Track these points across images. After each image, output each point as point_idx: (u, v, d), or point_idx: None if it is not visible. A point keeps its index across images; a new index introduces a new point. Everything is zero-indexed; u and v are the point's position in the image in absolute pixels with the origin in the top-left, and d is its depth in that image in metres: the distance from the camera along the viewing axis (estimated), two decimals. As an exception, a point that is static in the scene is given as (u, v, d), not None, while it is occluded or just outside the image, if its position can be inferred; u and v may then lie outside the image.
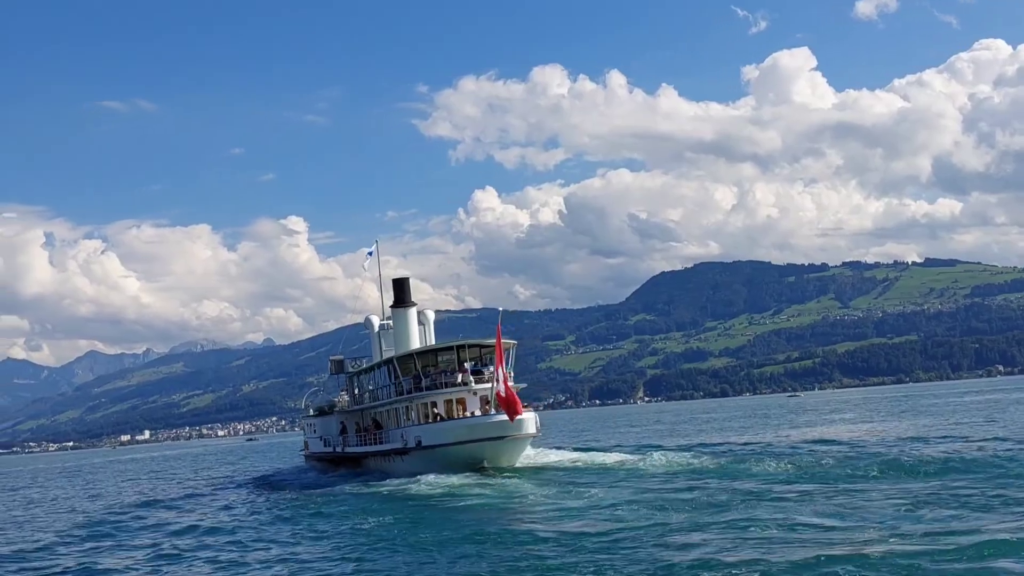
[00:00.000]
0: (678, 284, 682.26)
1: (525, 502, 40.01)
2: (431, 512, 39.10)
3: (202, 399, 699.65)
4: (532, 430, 54.11)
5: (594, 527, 30.38)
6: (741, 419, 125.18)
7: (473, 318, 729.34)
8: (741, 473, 44.22)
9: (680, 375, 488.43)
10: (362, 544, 31.98)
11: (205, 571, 30.43)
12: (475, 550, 28.17)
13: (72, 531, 45.13)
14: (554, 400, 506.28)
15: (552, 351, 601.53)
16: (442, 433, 53.16)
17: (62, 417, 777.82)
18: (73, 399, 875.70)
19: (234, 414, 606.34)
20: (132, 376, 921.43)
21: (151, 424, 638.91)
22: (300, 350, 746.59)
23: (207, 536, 38.33)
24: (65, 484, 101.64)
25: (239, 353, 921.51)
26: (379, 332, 70.91)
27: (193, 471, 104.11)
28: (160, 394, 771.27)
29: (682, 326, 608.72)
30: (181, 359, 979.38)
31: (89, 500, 68.90)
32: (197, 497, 60.50)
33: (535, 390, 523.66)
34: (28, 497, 79.86)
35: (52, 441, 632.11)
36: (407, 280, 69.56)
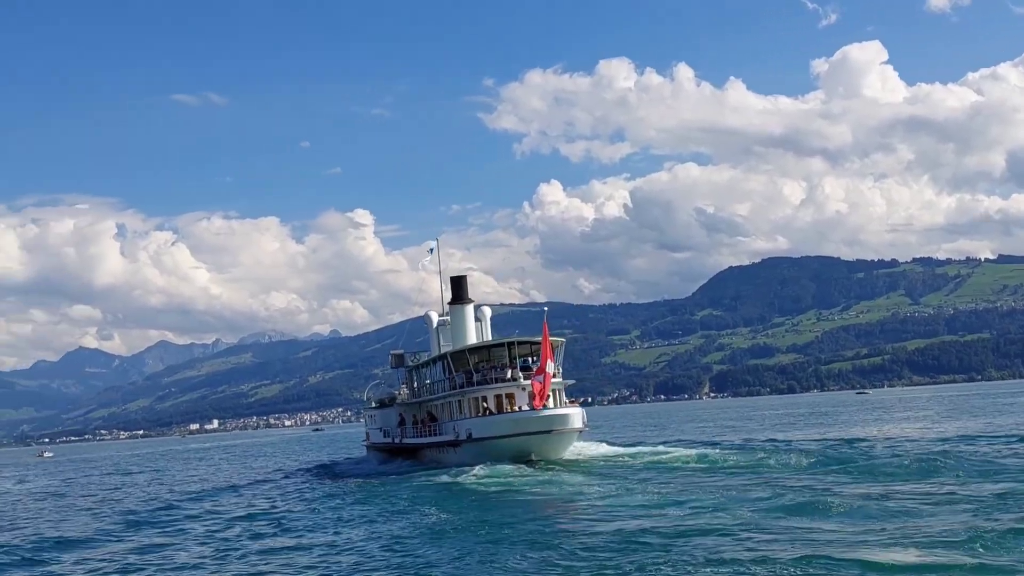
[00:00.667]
0: (745, 279, 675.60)
1: (564, 494, 41.02)
2: (473, 502, 40.45)
3: (270, 389, 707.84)
4: (578, 424, 55.88)
5: (622, 519, 31.11)
6: (802, 416, 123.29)
7: (537, 312, 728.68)
8: (762, 467, 45.23)
9: (746, 371, 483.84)
10: (404, 530, 33.37)
11: (254, 551, 31.80)
12: (511, 539, 28.93)
13: (139, 514, 47.55)
14: (618, 395, 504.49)
15: (617, 346, 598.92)
16: (491, 426, 55.11)
17: (132, 406, 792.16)
18: (143, 388, 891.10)
19: (301, 404, 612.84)
20: (201, 366, 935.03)
21: (220, 413, 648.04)
22: (366, 342, 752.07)
23: (260, 520, 40.10)
24: (140, 470, 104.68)
25: (306, 344, 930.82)
26: (437, 327, 72.48)
27: (259, 460, 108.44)
28: (229, 384, 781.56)
29: (749, 321, 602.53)
30: (249, 350, 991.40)
31: (162, 485, 71.73)
32: (259, 484, 63.63)
33: (599, 384, 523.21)
34: (109, 483, 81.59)
35: (123, 429, 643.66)
36: (464, 278, 70.71)
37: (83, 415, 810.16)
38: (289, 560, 29.15)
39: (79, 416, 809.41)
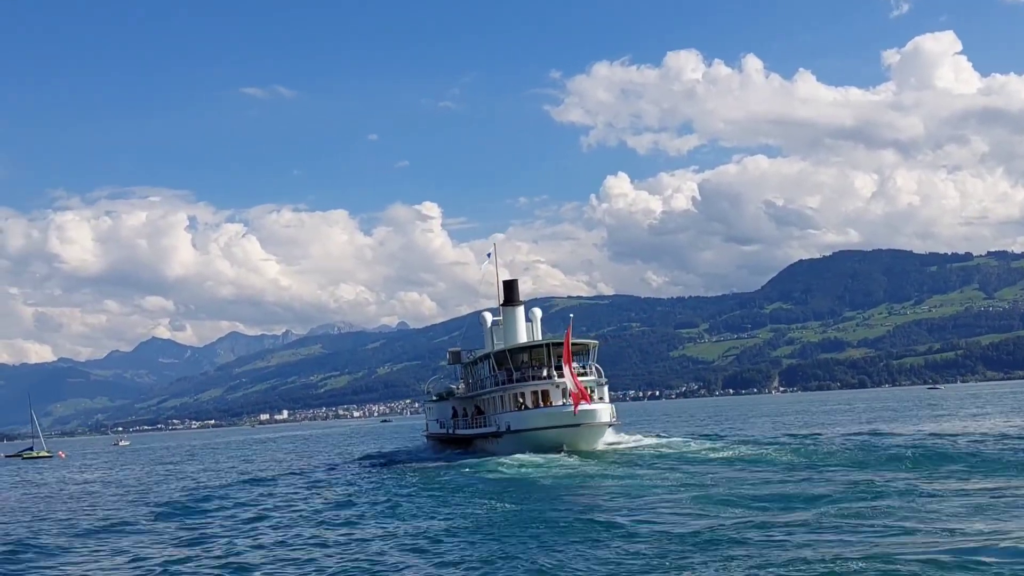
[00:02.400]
0: (816, 272, 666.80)
1: (576, 482, 44.55)
2: (505, 489, 43.15)
3: (338, 380, 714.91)
4: (606, 419, 60.42)
5: (634, 505, 34.01)
6: (871, 411, 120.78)
7: (605, 305, 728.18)
8: (800, 464, 45.52)
9: (817, 365, 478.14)
10: (443, 513, 36.20)
11: (306, 532, 33.05)
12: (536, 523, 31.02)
13: (213, 496, 50.79)
14: (686, 389, 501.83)
15: (685, 339, 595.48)
16: (527, 420, 60.46)
17: (204, 396, 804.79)
18: (215, 378, 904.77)
19: (369, 396, 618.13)
20: (272, 357, 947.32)
21: (289, 404, 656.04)
22: (433, 334, 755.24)
23: (318, 504, 42.94)
24: (208, 458, 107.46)
25: (374, 336, 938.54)
26: (491, 327, 76.61)
27: (326, 448, 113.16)
28: (298, 375, 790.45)
29: (819, 315, 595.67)
30: (319, 341, 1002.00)
31: (235, 472, 75.10)
32: (320, 470, 68.73)
33: (666, 378, 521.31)
34: (180, 470, 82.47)
35: (194, 419, 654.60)
36: (515, 281, 75.77)
37: (156, 405, 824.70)
38: (334, 544, 29.80)
39: (152, 406, 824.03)
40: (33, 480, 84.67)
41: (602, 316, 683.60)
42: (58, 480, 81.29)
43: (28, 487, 73.60)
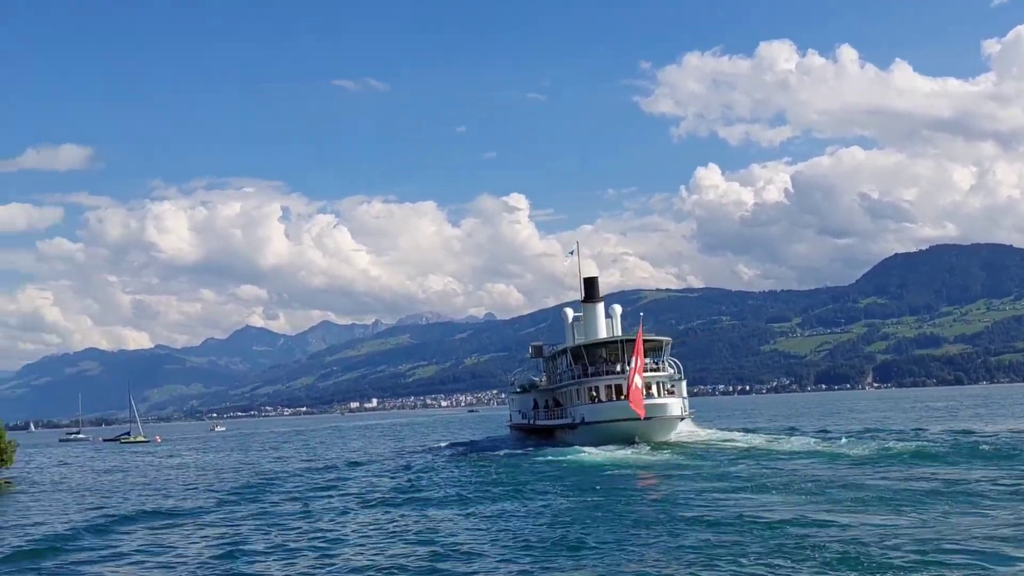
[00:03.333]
0: (912, 267, 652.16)
1: (644, 473, 46.18)
2: (577, 478, 44.96)
3: (426, 370, 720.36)
4: (676, 413, 63.48)
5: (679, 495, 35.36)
6: (965, 408, 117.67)
7: (695, 298, 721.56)
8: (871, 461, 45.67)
9: (912, 361, 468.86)
10: (508, 496, 38.57)
11: (386, 516, 33.50)
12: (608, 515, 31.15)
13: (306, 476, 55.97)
14: (777, 383, 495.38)
15: (776, 333, 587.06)
16: (599, 412, 63.25)
17: (296, 383, 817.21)
18: (307, 366, 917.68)
19: (456, 386, 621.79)
20: (361, 346, 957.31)
21: (379, 393, 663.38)
22: (520, 325, 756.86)
23: (398, 490, 44.28)
24: (299, 444, 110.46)
25: (462, 327, 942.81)
26: (572, 322, 79.41)
27: (415, 436, 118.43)
28: (387, 364, 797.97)
29: (915, 310, 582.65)
30: (408, 331, 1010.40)
31: (325, 457, 78.72)
32: (411, 456, 72.38)
33: (757, 372, 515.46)
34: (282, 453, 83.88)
35: (287, 406, 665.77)
36: (596, 279, 77.38)
37: (249, 391, 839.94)
38: (414, 529, 30.22)
39: (245, 392, 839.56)
40: (133, 463, 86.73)
41: (691, 309, 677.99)
42: (151, 463, 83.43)
43: (125, 469, 75.52)
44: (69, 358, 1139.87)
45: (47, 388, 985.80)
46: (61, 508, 43.45)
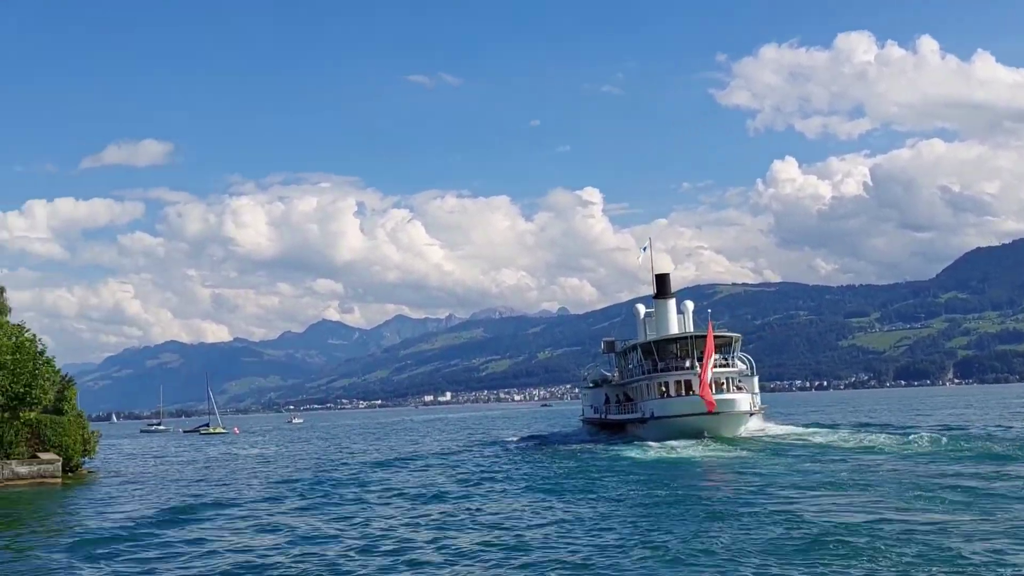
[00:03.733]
0: (994, 261, 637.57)
1: (711, 468, 46.79)
2: (649, 473, 45.19)
3: (499, 364, 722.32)
4: (745, 408, 63.93)
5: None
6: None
7: (772, 292, 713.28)
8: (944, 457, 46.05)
9: (994, 357, 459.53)
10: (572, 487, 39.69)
11: (461, 508, 33.23)
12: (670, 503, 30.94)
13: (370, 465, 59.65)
14: (855, 379, 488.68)
15: (855, 328, 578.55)
16: (669, 407, 64.44)
17: (371, 376, 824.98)
18: (381, 360, 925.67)
19: (529, 380, 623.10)
20: (435, 340, 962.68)
21: (452, 386, 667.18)
22: (594, 319, 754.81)
23: (469, 481, 45.24)
24: (373, 436, 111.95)
25: (535, 321, 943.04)
26: (643, 318, 79.98)
27: (488, 429, 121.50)
28: (461, 358, 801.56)
29: (998, 305, 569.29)
30: (481, 325, 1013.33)
31: (398, 449, 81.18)
32: (483, 448, 74.66)
33: (834, 368, 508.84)
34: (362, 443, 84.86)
35: (362, 399, 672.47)
36: (667, 275, 78.08)
37: (325, 384, 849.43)
38: (483, 523, 30.05)
39: (322, 385, 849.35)
40: (212, 454, 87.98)
41: (768, 304, 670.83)
42: (229, 454, 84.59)
43: (204, 460, 76.63)
44: (150, 351, 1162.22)
45: (129, 380, 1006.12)
46: (141, 496, 44.20)
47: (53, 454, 52.24)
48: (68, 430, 54.86)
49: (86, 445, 57.39)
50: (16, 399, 48.06)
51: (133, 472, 62.99)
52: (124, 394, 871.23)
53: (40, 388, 49.29)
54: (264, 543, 28.81)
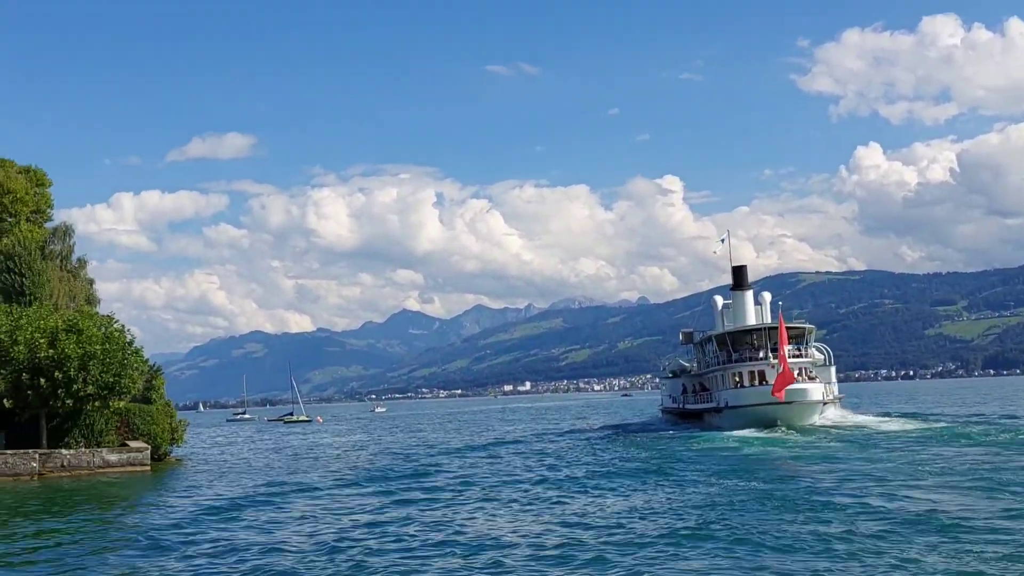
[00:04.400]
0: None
1: (778, 456, 47.32)
2: (718, 460, 46.87)
3: (579, 354, 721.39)
4: (816, 398, 64.71)
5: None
6: None
7: (856, 281, 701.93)
8: None
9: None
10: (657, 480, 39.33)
11: (545, 495, 33.68)
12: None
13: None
14: (942, 368, 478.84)
15: (942, 317, 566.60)
16: (742, 397, 66.17)
17: (451, 366, 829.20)
18: (461, 350, 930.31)
19: (610, 370, 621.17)
20: (515, 330, 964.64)
21: (532, 376, 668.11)
22: (674, 309, 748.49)
23: (548, 470, 45.74)
24: (455, 424, 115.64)
25: (615, 311, 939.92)
26: (721, 310, 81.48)
27: (568, 418, 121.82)
28: (540, 348, 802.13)
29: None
30: (560, 315, 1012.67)
31: (481, 435, 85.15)
32: (561, 437, 76.55)
33: (921, 357, 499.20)
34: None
35: (442, 388, 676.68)
36: (744, 267, 79.16)
37: (406, 374, 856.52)
38: (572, 511, 30.10)
39: (403, 375, 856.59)
40: (296, 442, 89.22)
41: (852, 292, 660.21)
42: (314, 442, 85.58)
43: (289, 447, 77.71)
44: (235, 340, 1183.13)
45: (214, 370, 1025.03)
46: (228, 482, 45.17)
47: (142, 442, 53.46)
48: (157, 419, 56.12)
49: (174, 433, 58.60)
50: (106, 389, 49.13)
51: (220, 460, 64.21)
52: (210, 383, 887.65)
53: (129, 378, 50.29)
54: (339, 523, 29.64)
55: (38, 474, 48.02)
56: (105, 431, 52.96)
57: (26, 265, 59.02)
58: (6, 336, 47.94)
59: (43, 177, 73.16)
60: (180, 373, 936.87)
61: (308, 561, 23.52)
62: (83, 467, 49.60)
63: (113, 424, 53.43)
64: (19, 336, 47.73)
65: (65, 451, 50.09)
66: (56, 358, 47.28)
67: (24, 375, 47.37)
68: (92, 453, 50.42)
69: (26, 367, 47.39)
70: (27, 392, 47.64)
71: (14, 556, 25.36)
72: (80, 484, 44.95)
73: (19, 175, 70.86)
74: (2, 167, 70.49)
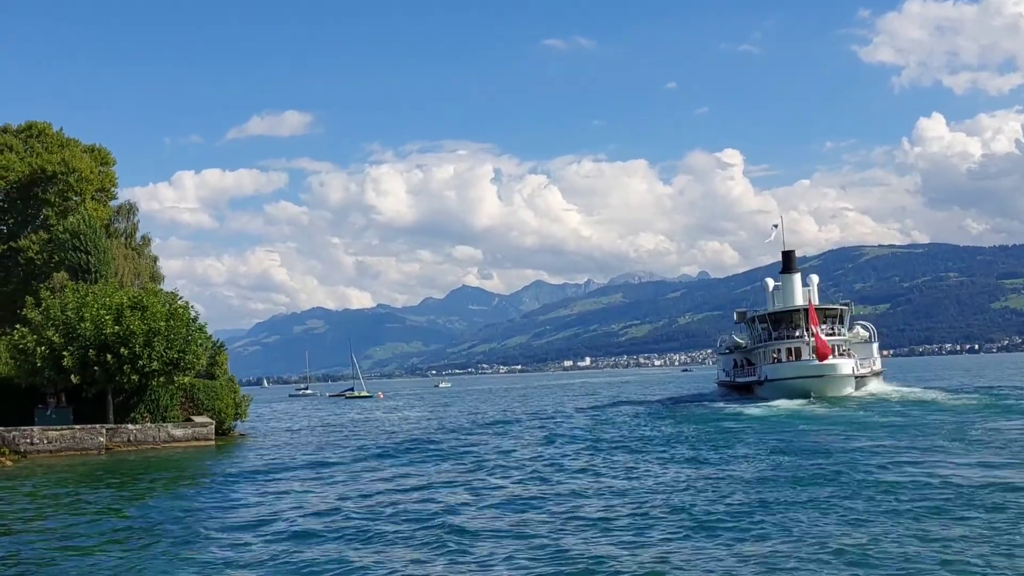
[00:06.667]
0: None
1: (799, 423, 51.75)
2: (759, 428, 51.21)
3: (639, 329, 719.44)
4: (847, 372, 70.67)
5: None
6: None
7: (920, 254, 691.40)
8: None
9: None
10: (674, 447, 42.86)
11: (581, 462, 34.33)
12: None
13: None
14: (1008, 342, 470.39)
15: (1008, 290, 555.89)
16: (778, 371, 73.45)
17: (511, 342, 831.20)
18: (521, 325, 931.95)
19: (670, 345, 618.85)
20: (574, 305, 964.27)
21: (591, 351, 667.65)
22: (735, 283, 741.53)
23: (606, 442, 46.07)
24: (518, 397, 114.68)
25: (675, 285, 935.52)
26: (772, 291, 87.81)
27: (628, 392, 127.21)
28: (600, 323, 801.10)
29: None
30: (620, 290, 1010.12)
31: (547, 406, 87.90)
32: (616, 408, 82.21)
33: (986, 331, 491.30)
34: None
35: (502, 364, 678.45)
36: (792, 252, 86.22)
37: (466, 349, 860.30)
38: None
39: (463, 350, 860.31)
40: (357, 416, 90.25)
41: (916, 266, 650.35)
42: (376, 417, 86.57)
43: (349, 421, 78.61)
44: (297, 317, 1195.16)
45: (277, 346, 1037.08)
46: (288, 454, 45.90)
47: (207, 417, 54.30)
48: (220, 394, 56.96)
49: (238, 408, 59.45)
50: (171, 364, 49.92)
51: (283, 433, 65.03)
52: (272, 359, 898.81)
53: (193, 354, 51.03)
54: (380, 487, 31.38)
55: (105, 448, 48.97)
56: (170, 406, 53.86)
57: (92, 243, 60.11)
58: (73, 313, 48.83)
59: (107, 156, 74.37)
60: (243, 349, 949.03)
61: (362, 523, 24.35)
62: (149, 441, 50.52)
63: (178, 399, 54.31)
64: (85, 313, 48.59)
65: (131, 426, 51.04)
66: (122, 334, 48.07)
67: (91, 351, 48.20)
68: (158, 428, 51.34)
69: (93, 343, 48.22)
70: (94, 368, 48.50)
71: (83, 526, 26.09)
72: (146, 458, 45.84)
73: (84, 154, 72.15)
74: (67, 147, 71.80)
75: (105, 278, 58.38)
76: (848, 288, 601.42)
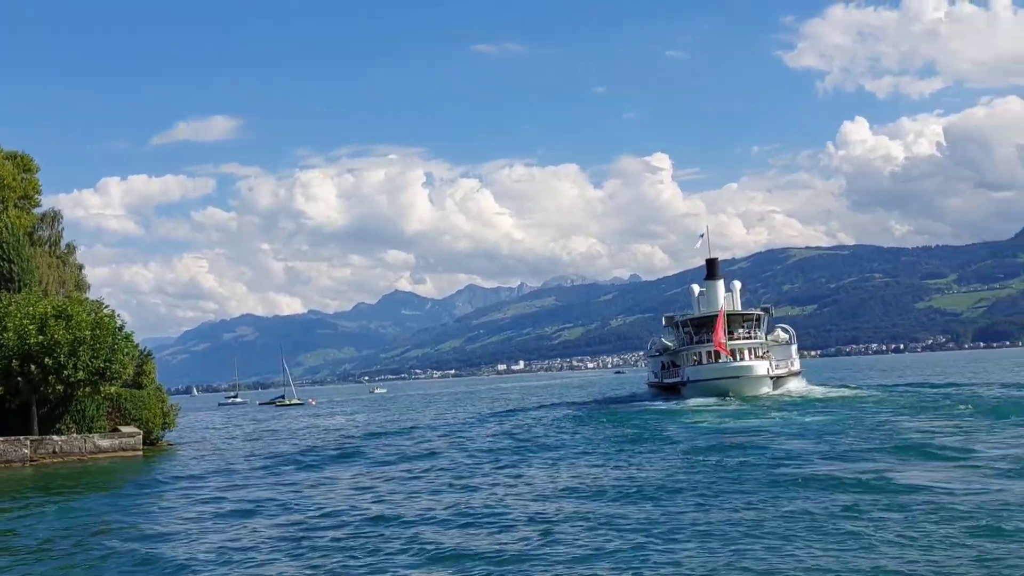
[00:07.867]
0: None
1: (713, 420, 56.20)
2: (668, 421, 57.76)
3: (572, 332, 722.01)
4: (761, 373, 76.25)
5: None
6: None
7: (846, 255, 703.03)
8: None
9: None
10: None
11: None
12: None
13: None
14: (933, 341, 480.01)
15: (931, 290, 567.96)
16: (699, 373, 78.19)
17: (444, 346, 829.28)
18: (454, 330, 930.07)
19: (603, 347, 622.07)
20: (507, 309, 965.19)
21: (525, 355, 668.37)
22: (666, 286, 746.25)
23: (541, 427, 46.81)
24: (447, 403, 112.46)
25: (607, 288, 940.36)
26: (697, 296, 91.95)
27: (558, 395, 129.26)
28: (533, 327, 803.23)
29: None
30: (552, 293, 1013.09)
31: (480, 409, 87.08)
32: (545, 410, 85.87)
33: (911, 331, 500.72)
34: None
35: (436, 368, 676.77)
36: (717, 259, 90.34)
37: (399, 355, 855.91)
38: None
39: (396, 356, 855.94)
40: (287, 424, 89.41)
41: (842, 267, 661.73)
42: (306, 424, 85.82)
43: (280, 430, 77.96)
44: (226, 324, 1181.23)
45: (206, 354, 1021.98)
46: (219, 463, 45.34)
47: (134, 427, 53.57)
48: (148, 404, 56.22)
49: (166, 418, 58.71)
50: (97, 374, 49.16)
51: (212, 443, 64.31)
52: (202, 367, 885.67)
53: (120, 363, 50.31)
54: (329, 495, 30.60)
55: (30, 460, 48.11)
56: (96, 417, 53.00)
57: (15, 251, 58.91)
58: (-5, 323, 47.90)
59: (30, 163, 72.85)
60: (171, 358, 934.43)
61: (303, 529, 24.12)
62: (75, 453, 49.73)
63: (104, 410, 53.49)
64: (8, 323, 47.74)
65: (56, 437, 50.17)
66: (46, 344, 47.29)
67: (14, 362, 47.35)
68: (84, 439, 50.53)
69: (16, 354, 47.37)
70: (17, 379, 47.64)
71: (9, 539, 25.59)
72: (72, 470, 45.09)
73: (5, 161, 70.60)
74: (-12, 154, 70.18)
75: (29, 287, 57.32)
76: (776, 289, 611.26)
